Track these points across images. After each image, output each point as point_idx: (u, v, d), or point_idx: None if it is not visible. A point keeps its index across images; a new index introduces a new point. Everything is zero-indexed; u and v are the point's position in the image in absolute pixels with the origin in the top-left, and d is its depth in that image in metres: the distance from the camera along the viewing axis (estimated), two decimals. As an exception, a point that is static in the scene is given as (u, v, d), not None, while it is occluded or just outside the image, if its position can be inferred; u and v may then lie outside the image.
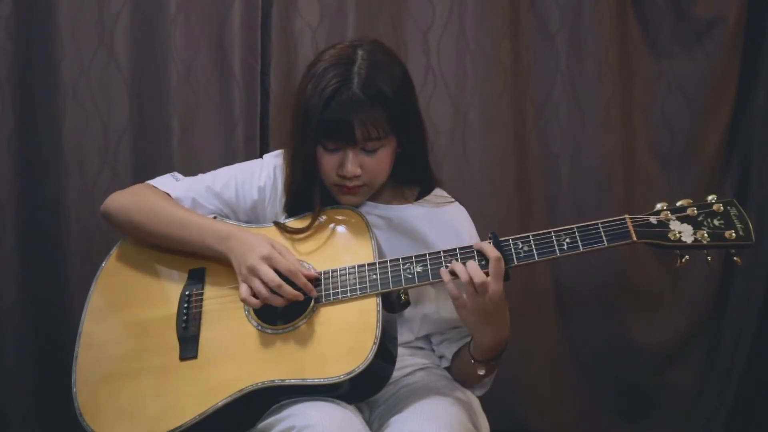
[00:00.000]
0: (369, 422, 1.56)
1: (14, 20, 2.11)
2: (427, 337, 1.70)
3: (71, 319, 2.03)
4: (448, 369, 1.68)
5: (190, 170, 1.82)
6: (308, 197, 1.63)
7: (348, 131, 1.53)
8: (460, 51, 2.34)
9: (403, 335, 1.64)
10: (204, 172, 1.78)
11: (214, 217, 1.68)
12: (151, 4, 2.18)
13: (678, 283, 2.54)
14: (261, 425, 1.47)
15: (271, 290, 1.49)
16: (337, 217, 1.63)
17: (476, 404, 1.64)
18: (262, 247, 1.52)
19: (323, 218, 1.63)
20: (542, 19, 2.42)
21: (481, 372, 1.58)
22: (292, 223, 1.64)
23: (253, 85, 2.23)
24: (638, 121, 2.51)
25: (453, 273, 1.47)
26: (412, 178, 1.71)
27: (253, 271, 1.50)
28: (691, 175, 2.50)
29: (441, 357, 1.70)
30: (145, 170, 2.14)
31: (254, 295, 1.50)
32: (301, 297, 1.51)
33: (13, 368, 2.14)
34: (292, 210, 1.66)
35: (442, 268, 1.48)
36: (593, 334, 2.47)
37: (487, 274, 1.44)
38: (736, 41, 2.50)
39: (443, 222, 1.67)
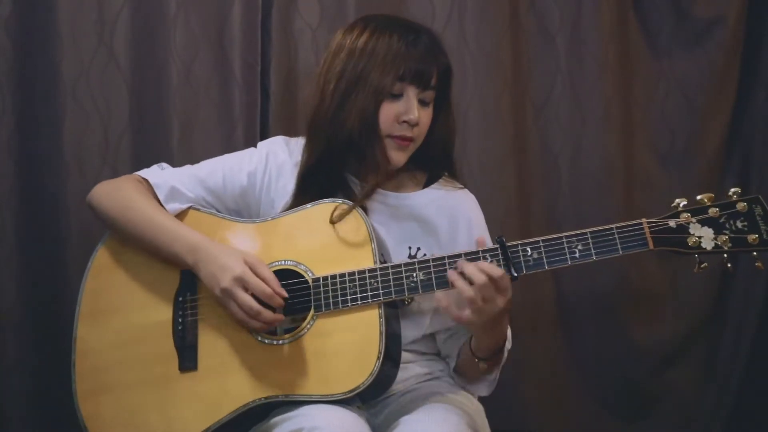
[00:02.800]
0: (373, 428, 1.54)
1: (14, 20, 2.11)
2: (432, 337, 1.65)
3: (71, 318, 2.02)
4: (455, 370, 1.63)
5: (190, 170, 1.81)
6: (327, 174, 1.59)
7: (428, 74, 1.56)
8: (460, 51, 2.34)
9: (411, 331, 1.58)
10: (203, 171, 1.77)
11: (190, 207, 1.62)
12: (151, 4, 2.17)
13: (678, 283, 2.54)
14: (268, 423, 1.45)
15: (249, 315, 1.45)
16: (336, 215, 1.54)
17: (481, 413, 1.61)
18: (234, 266, 1.45)
19: (320, 216, 1.55)
20: (542, 19, 2.42)
21: (483, 369, 1.53)
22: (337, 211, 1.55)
23: (253, 85, 2.23)
24: (638, 121, 2.51)
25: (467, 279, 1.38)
26: (429, 158, 1.67)
27: (228, 295, 1.45)
28: (691, 175, 2.50)
29: (447, 357, 1.65)
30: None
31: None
32: (281, 318, 1.46)
33: (13, 368, 2.14)
34: (306, 181, 1.60)
35: (450, 272, 1.40)
36: (593, 335, 2.47)
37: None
38: (736, 41, 2.50)
39: (452, 208, 1.63)
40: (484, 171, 2.36)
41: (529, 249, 1.40)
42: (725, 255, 1.38)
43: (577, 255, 1.39)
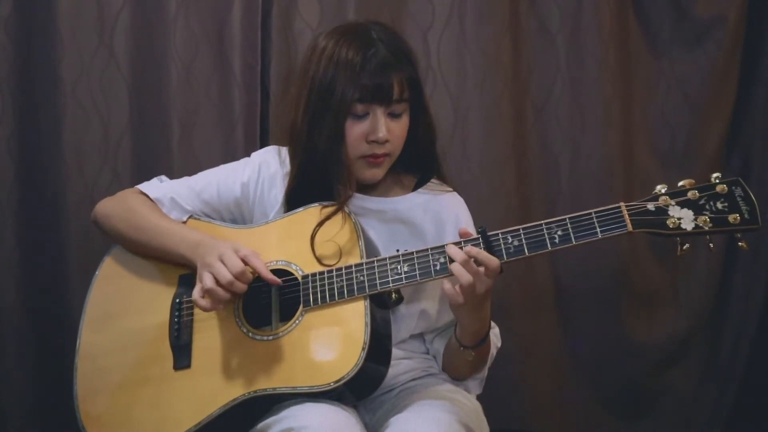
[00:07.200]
0: (368, 426, 1.55)
1: (14, 20, 2.11)
2: (421, 337, 1.67)
3: (71, 319, 2.03)
4: (443, 368, 1.65)
5: (190, 170, 1.81)
6: (313, 189, 1.60)
7: (386, 89, 1.53)
8: (460, 51, 2.34)
9: (399, 332, 1.61)
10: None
11: (189, 217, 1.67)
12: (151, 4, 2.18)
13: (678, 283, 2.54)
14: (260, 425, 1.47)
15: (220, 285, 1.47)
16: (323, 213, 1.57)
17: (478, 412, 1.61)
18: (221, 248, 1.50)
19: (311, 218, 1.57)
20: (542, 19, 2.42)
21: (470, 358, 1.55)
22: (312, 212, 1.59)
23: (253, 85, 2.23)
24: (638, 121, 2.51)
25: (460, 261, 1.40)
26: (416, 162, 1.68)
27: (207, 267, 1.48)
28: (691, 175, 2.45)
29: (435, 356, 1.67)
30: (145, 170, 2.14)
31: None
32: (245, 284, 1.48)
33: (13, 368, 2.14)
34: (294, 198, 1.62)
35: (451, 247, 1.42)
36: (593, 334, 2.48)
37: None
38: (736, 41, 2.51)
39: (439, 211, 1.64)
40: (484, 171, 2.36)
41: (509, 237, 1.42)
42: (707, 236, 1.37)
43: (556, 240, 1.40)
